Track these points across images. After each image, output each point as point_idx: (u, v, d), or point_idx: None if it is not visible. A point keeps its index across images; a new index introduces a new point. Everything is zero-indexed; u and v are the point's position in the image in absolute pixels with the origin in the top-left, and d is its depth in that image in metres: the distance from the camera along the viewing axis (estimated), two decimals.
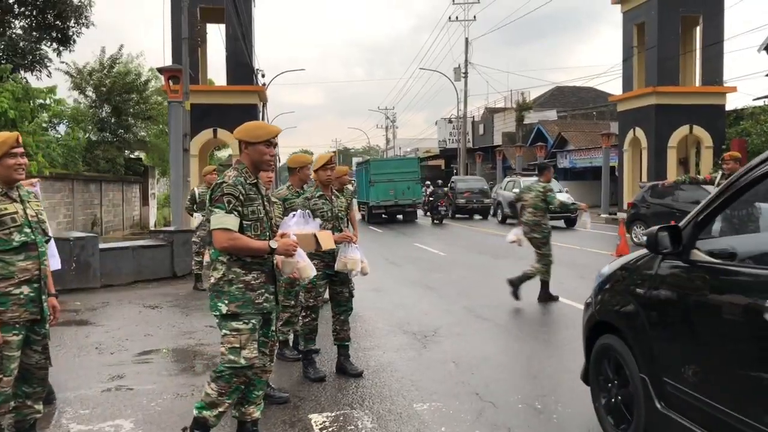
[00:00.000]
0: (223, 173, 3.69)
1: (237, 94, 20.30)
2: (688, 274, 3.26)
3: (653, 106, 21.94)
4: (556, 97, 50.87)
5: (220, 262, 3.56)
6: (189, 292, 9.89)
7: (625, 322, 3.70)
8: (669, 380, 3.26)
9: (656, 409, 3.35)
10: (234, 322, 3.51)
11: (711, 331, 3.04)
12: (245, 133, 3.63)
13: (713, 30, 22.27)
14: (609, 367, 3.91)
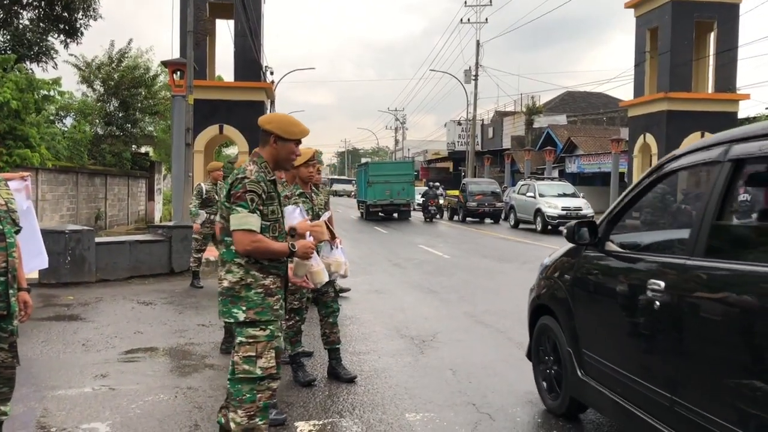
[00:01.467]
0: (240, 166, 3.35)
1: (244, 91, 20.12)
2: (602, 261, 3.86)
3: (665, 112, 21.63)
4: (566, 101, 50.63)
5: (237, 264, 3.25)
6: (185, 289, 9.69)
7: (557, 304, 4.31)
8: (587, 351, 3.89)
9: (578, 377, 3.98)
10: (251, 329, 3.23)
11: (613, 307, 3.64)
12: (278, 127, 3.33)
13: (727, 36, 21.95)
14: (546, 344, 4.54)
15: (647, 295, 3.15)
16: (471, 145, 41.19)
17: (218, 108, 19.79)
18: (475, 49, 40.24)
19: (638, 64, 23.68)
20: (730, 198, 2.96)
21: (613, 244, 3.81)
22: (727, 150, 2.96)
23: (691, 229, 3.08)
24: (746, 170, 2.96)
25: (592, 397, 3.86)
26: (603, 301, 3.81)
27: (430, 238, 19.40)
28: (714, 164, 3.03)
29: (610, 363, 3.59)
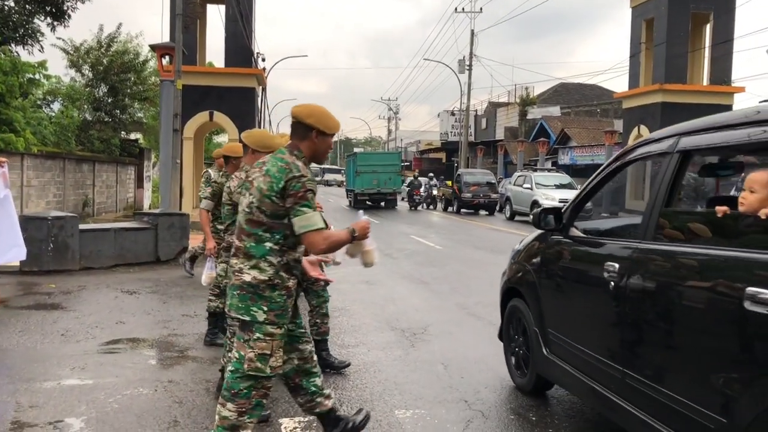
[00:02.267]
0: (283, 160, 3.14)
1: (234, 77, 19.78)
2: (566, 246, 4.07)
3: (659, 104, 21.48)
4: (560, 93, 50.43)
5: (269, 262, 3.09)
6: (171, 278, 9.47)
7: (525, 287, 4.54)
8: (552, 331, 4.12)
9: (543, 355, 4.21)
10: (270, 326, 3.12)
11: (575, 288, 3.96)
12: (319, 121, 3.20)
13: (723, 28, 21.78)
14: (515, 325, 4.77)
15: (604, 276, 3.36)
16: (464, 136, 40.99)
17: (208, 94, 19.44)
18: (470, 38, 39.98)
19: (633, 55, 23.50)
20: (677, 186, 3.20)
21: (576, 230, 4.04)
22: (676, 142, 3.18)
23: (643, 215, 3.32)
24: (692, 161, 3.26)
25: (556, 374, 4.09)
26: (566, 283, 4.06)
27: (421, 229, 19.22)
28: (664, 155, 3.25)
29: (572, 341, 3.82)
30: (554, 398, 4.58)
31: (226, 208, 4.29)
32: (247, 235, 3.13)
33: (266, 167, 3.14)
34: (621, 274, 3.23)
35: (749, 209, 2.89)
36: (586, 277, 3.77)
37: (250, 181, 3.19)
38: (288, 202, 3.03)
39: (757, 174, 2.95)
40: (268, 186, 3.06)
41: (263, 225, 3.08)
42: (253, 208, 3.11)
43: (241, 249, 3.14)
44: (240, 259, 3.14)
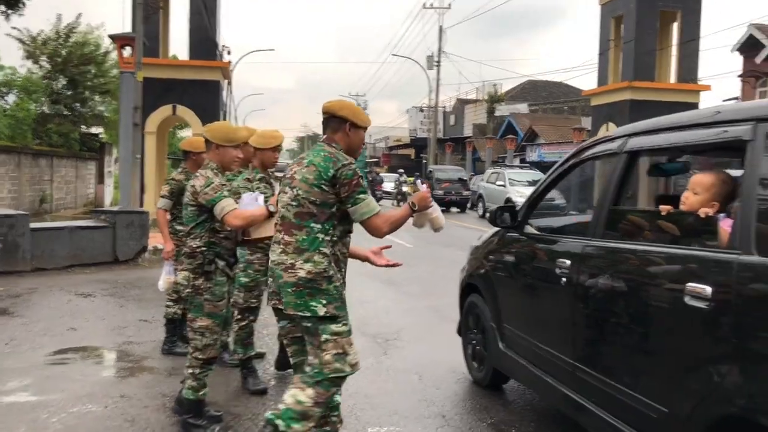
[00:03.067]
0: (325, 150, 3.16)
1: (199, 70, 19.20)
2: (520, 243, 4.19)
3: (628, 101, 21.47)
4: (528, 90, 50.66)
5: (322, 254, 3.06)
6: (129, 279, 9.01)
7: (482, 282, 4.64)
8: (507, 325, 4.23)
9: (499, 349, 4.31)
10: (333, 325, 3.06)
11: (529, 284, 4.06)
12: (352, 114, 3.26)
13: (690, 27, 21.84)
14: (473, 320, 4.87)
15: (556, 272, 3.47)
16: (433, 132, 40.82)
17: (172, 87, 18.83)
18: (438, 34, 39.81)
19: (602, 52, 23.49)
20: (626, 186, 3.31)
21: (531, 227, 4.17)
22: (624, 142, 3.28)
23: (593, 213, 3.45)
24: (639, 161, 3.39)
25: (511, 367, 4.21)
26: (520, 279, 4.16)
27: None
28: (614, 155, 3.35)
29: (527, 335, 3.93)
30: (535, 411, 4.31)
31: (189, 210, 3.84)
32: (297, 228, 3.09)
33: (308, 159, 3.16)
34: (572, 271, 3.34)
35: (689, 209, 3.00)
36: (539, 273, 3.86)
37: (291, 177, 3.18)
38: (343, 191, 3.06)
39: (700, 176, 3.05)
40: (315, 175, 3.07)
41: (314, 216, 3.07)
42: (301, 199, 3.09)
43: (291, 243, 3.08)
44: (290, 255, 3.08)
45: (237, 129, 4.22)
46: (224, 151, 3.94)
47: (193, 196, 3.81)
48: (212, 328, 3.86)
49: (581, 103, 41.23)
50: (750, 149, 2.44)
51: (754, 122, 2.47)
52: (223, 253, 3.91)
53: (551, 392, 3.58)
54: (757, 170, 2.39)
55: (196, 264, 3.82)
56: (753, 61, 23.84)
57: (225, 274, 3.93)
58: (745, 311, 2.29)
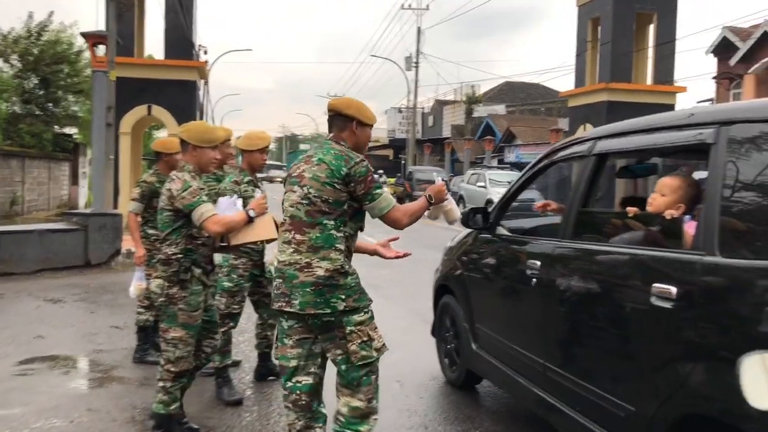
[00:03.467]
0: (334, 148, 3.16)
1: (174, 70, 18.90)
2: (492, 244, 4.23)
3: (605, 103, 21.55)
4: (505, 92, 50.90)
5: (337, 250, 3.05)
6: (102, 283, 8.78)
7: (456, 283, 4.67)
8: (479, 326, 4.26)
9: (472, 350, 4.35)
10: (355, 315, 3.07)
11: (501, 284, 4.10)
12: (359, 111, 3.26)
13: (666, 28, 21.98)
14: (447, 321, 4.89)
15: (527, 273, 3.51)
16: (411, 133, 40.75)
17: (147, 87, 18.50)
18: (416, 36, 39.74)
19: (579, 54, 23.56)
20: (594, 188, 3.38)
21: (503, 229, 4.20)
22: (593, 145, 3.30)
23: (562, 215, 3.49)
24: (608, 164, 3.47)
25: (484, 368, 4.25)
26: (493, 279, 4.22)
27: (371, 227, 18.69)
28: (583, 157, 3.39)
29: (499, 336, 3.97)
30: (521, 420, 4.20)
31: (164, 215, 3.65)
32: (309, 226, 3.06)
33: (317, 157, 3.14)
34: (542, 272, 3.38)
35: (656, 210, 3.07)
36: (510, 274, 3.92)
37: (300, 176, 3.13)
38: (359, 188, 3.07)
39: (668, 179, 3.12)
40: (327, 173, 3.06)
41: (326, 213, 3.05)
42: (313, 198, 3.07)
43: (305, 242, 3.05)
44: (304, 254, 3.04)
45: (214, 129, 4.05)
46: (201, 152, 3.76)
47: (169, 201, 3.62)
48: (186, 339, 3.69)
49: (558, 104, 41.46)
50: (713, 152, 2.48)
51: (718, 126, 2.51)
52: (200, 260, 3.74)
53: (523, 393, 3.62)
54: (720, 173, 2.43)
55: (171, 271, 3.64)
56: (727, 63, 24.07)
57: (201, 283, 3.75)
58: (708, 311, 2.33)
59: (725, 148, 2.43)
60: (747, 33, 23.63)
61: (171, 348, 3.67)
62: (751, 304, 2.18)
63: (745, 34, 23.60)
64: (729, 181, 2.39)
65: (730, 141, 2.44)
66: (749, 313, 2.18)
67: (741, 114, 2.49)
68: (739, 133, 2.43)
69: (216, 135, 3.90)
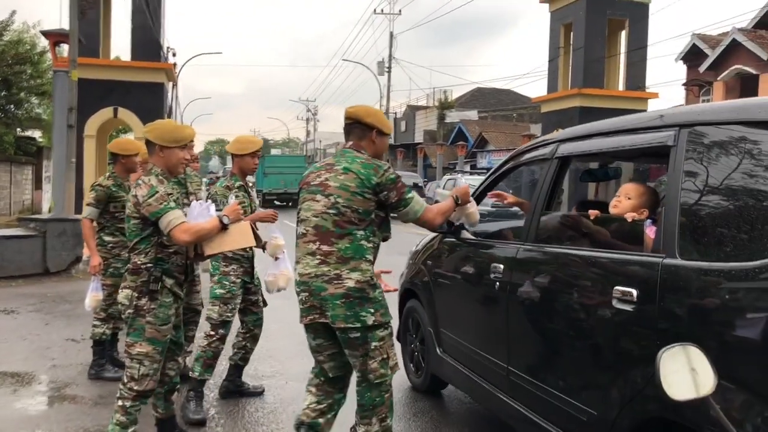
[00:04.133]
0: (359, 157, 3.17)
1: (141, 71, 18.43)
2: (457, 248, 4.21)
3: (577, 108, 21.58)
4: (477, 97, 51.12)
5: (367, 261, 3.06)
6: (60, 293, 8.38)
7: (420, 287, 4.63)
8: (444, 330, 4.23)
9: (437, 354, 4.31)
10: (380, 331, 3.09)
11: (465, 288, 4.05)
12: (379, 121, 3.29)
13: (638, 35, 22.13)
14: (412, 325, 4.86)
15: (490, 277, 3.49)
16: None
17: (113, 89, 18.01)
18: (389, 40, 39.62)
19: (552, 59, 23.60)
20: (556, 191, 3.38)
21: (467, 232, 4.13)
22: (556, 148, 3.32)
23: (525, 218, 3.51)
24: (569, 167, 3.47)
25: (448, 373, 4.20)
26: (457, 283, 4.16)
27: None
28: (546, 161, 3.41)
29: (463, 340, 3.92)
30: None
31: (132, 223, 3.37)
32: (338, 237, 3.03)
33: (341, 165, 3.11)
34: (505, 275, 3.37)
35: (621, 213, 3.07)
36: (474, 278, 3.88)
37: (323, 184, 3.10)
38: (392, 196, 3.09)
39: (632, 184, 3.20)
40: (356, 183, 3.03)
41: (356, 224, 3.03)
42: (341, 207, 3.03)
43: (333, 253, 3.02)
44: (332, 265, 3.01)
45: (182, 127, 3.75)
46: (170, 153, 3.47)
47: (136, 208, 3.34)
48: (152, 355, 3.39)
49: (529, 110, 41.65)
50: (673, 155, 2.49)
51: (677, 128, 2.52)
52: (172, 269, 3.46)
53: (487, 397, 3.60)
54: (680, 176, 2.43)
55: (140, 281, 3.36)
56: (696, 70, 24.29)
57: (173, 294, 3.47)
58: (667, 313, 2.33)
59: (685, 151, 2.44)
60: (716, 41, 23.86)
61: (135, 364, 3.37)
62: (709, 306, 2.19)
63: (714, 42, 23.82)
64: (688, 184, 2.40)
65: (690, 143, 2.44)
66: (708, 315, 2.19)
67: (701, 116, 2.49)
68: (699, 136, 2.44)
69: (184, 133, 3.59)
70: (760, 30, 21.80)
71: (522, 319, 3.26)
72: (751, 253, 2.11)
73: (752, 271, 2.06)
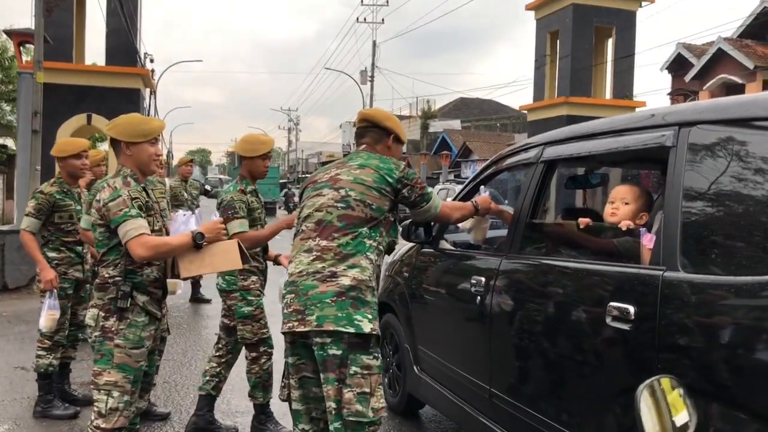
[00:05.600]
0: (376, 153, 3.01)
1: (116, 77, 17.82)
2: (435, 259, 3.96)
3: (564, 117, 21.27)
4: (460, 108, 51.13)
5: (369, 259, 2.72)
6: (17, 311, 7.73)
7: (397, 301, 4.37)
8: (422, 347, 3.93)
9: (414, 373, 4.03)
10: (365, 355, 2.60)
11: (444, 303, 3.78)
12: (397, 126, 3.10)
13: (625, 43, 21.98)
14: (389, 341, 4.55)
15: (471, 290, 3.25)
16: None
17: (86, 95, 17.38)
18: (372, 49, 39.21)
19: (539, 67, 23.31)
20: (543, 198, 3.16)
21: (446, 243, 3.97)
22: (541, 152, 3.12)
23: (509, 227, 3.25)
24: (556, 172, 3.26)
25: (426, 393, 3.94)
26: (435, 297, 3.93)
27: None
28: (530, 165, 3.20)
29: (442, 359, 3.67)
30: None
31: (98, 232, 2.92)
32: (342, 233, 2.71)
33: (357, 162, 2.87)
34: (487, 289, 3.14)
35: (621, 220, 2.81)
36: (453, 292, 3.65)
37: (333, 179, 2.83)
38: (413, 193, 2.90)
39: (626, 187, 2.92)
40: (374, 177, 2.79)
41: (366, 221, 2.74)
42: (353, 201, 2.75)
43: (331, 249, 2.68)
44: (328, 262, 2.66)
45: (149, 119, 3.17)
46: (138, 149, 3.00)
47: (99, 213, 2.87)
48: (123, 385, 2.87)
49: (513, 120, 41.51)
50: (672, 157, 2.30)
51: (677, 127, 2.32)
52: (146, 284, 2.95)
53: (468, 421, 3.35)
54: (681, 180, 2.23)
55: (107, 299, 2.90)
56: (682, 80, 24.09)
57: (147, 313, 2.95)
58: (670, 333, 2.12)
59: (686, 152, 2.24)
60: (701, 50, 23.69)
61: (103, 396, 2.86)
62: (718, 325, 1.99)
63: (699, 51, 23.66)
64: (691, 189, 2.19)
65: (692, 144, 2.23)
66: (716, 335, 1.99)
67: (704, 114, 2.27)
68: (702, 136, 2.23)
69: (152, 125, 3.08)
70: (746, 39, 21.62)
71: (506, 338, 3.01)
72: (766, 265, 1.88)
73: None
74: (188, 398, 4.61)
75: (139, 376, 2.93)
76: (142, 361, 2.92)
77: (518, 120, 44.93)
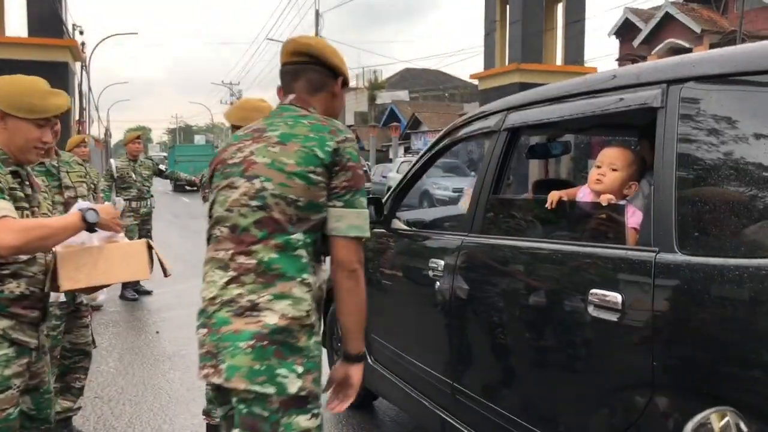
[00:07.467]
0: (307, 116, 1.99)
1: (40, 49, 16.59)
2: (387, 240, 3.66)
3: (517, 84, 20.90)
4: (406, 78, 50.89)
5: (306, 285, 1.90)
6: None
7: None
8: (375, 336, 3.65)
9: (368, 363, 3.61)
10: (301, 415, 1.83)
11: (399, 288, 3.52)
12: (346, 67, 2.14)
13: (575, 7, 21.74)
14: (339, 330, 4.34)
15: (428, 275, 3.00)
16: None
17: (7, 69, 15.85)
18: (315, 19, 38.16)
19: (488, 33, 22.86)
20: (506, 170, 2.85)
21: (399, 222, 3.69)
22: (503, 118, 2.84)
23: (469, 203, 2.97)
24: (521, 140, 3.02)
25: (381, 386, 3.69)
26: (389, 282, 3.64)
27: None
28: (491, 134, 2.93)
29: (398, 349, 3.42)
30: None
31: None
32: (263, 244, 1.88)
33: (277, 131, 1.95)
34: (446, 273, 2.85)
35: (607, 189, 2.41)
36: (409, 276, 3.38)
37: (246, 161, 1.95)
38: (341, 178, 1.91)
39: (616, 150, 2.50)
40: (300, 157, 1.88)
41: (294, 224, 1.88)
42: (269, 198, 1.88)
43: (251, 269, 1.86)
44: (248, 286, 1.85)
45: (47, 93, 2.34)
46: (15, 126, 2.24)
47: None
48: None
49: (461, 90, 41.22)
50: (661, 119, 2.00)
51: (665, 85, 2.01)
52: (6, 303, 2.18)
53: (427, 417, 3.07)
54: (673, 146, 1.93)
55: None
56: (630, 45, 24.07)
57: (12, 343, 2.19)
58: (666, 325, 1.84)
59: (678, 114, 1.93)
60: (649, 14, 23.64)
61: None
62: (724, 315, 1.70)
63: (647, 16, 23.61)
64: (686, 156, 1.88)
65: (685, 104, 1.92)
66: (723, 326, 1.70)
67: (697, 68, 1.95)
68: (696, 94, 1.92)
69: (46, 103, 2.28)
70: (692, 3, 21.61)
71: (469, 328, 2.73)
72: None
73: None
74: (123, 418, 3.90)
75: (12, 426, 2.19)
76: (9, 408, 2.18)
77: (466, 90, 44.71)
